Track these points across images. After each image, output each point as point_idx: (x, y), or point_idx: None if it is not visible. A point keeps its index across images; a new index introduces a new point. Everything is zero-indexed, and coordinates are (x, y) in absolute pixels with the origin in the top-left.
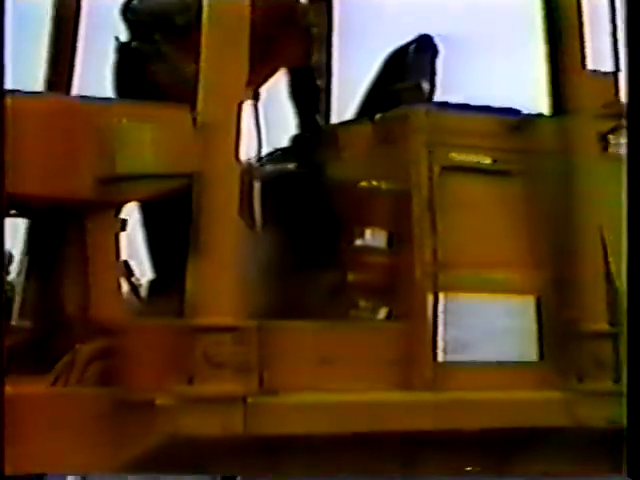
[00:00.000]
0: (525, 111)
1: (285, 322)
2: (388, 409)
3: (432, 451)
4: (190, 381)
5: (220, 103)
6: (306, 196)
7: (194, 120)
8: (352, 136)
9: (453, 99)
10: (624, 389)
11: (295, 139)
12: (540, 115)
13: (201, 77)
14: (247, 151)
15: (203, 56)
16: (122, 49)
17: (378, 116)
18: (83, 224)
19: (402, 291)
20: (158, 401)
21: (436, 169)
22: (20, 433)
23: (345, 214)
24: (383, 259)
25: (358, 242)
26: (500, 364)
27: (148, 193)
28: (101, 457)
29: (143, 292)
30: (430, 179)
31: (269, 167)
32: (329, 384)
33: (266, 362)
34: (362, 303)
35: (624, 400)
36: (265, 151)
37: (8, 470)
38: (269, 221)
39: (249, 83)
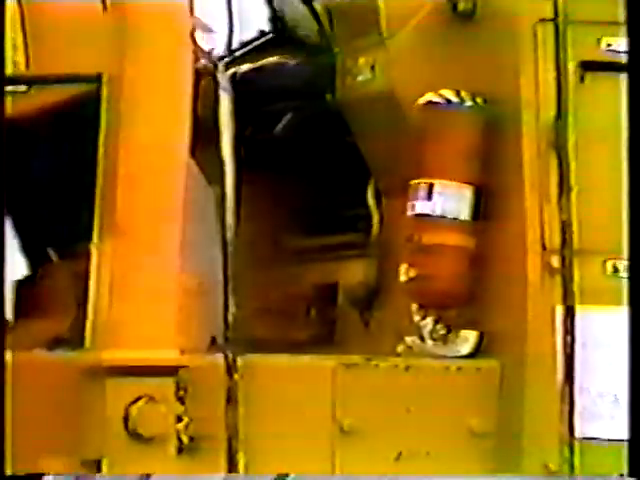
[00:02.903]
0: None
1: (277, 358)
2: None
3: None
4: (97, 467)
5: None
6: (314, 121)
7: None
8: (405, 11)
9: None
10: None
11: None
12: None
13: None
14: (206, 41)
15: None
16: None
17: None
18: None
19: (503, 301)
20: None
21: (571, 69)
22: None
23: (390, 155)
24: (465, 240)
25: (418, 208)
26: None
27: (26, 109)
28: None
29: (7, 303)
30: (558, 88)
31: (246, 68)
32: (358, 471)
33: (243, 431)
34: (425, 322)
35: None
36: (238, 40)
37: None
38: (249, 165)
39: None
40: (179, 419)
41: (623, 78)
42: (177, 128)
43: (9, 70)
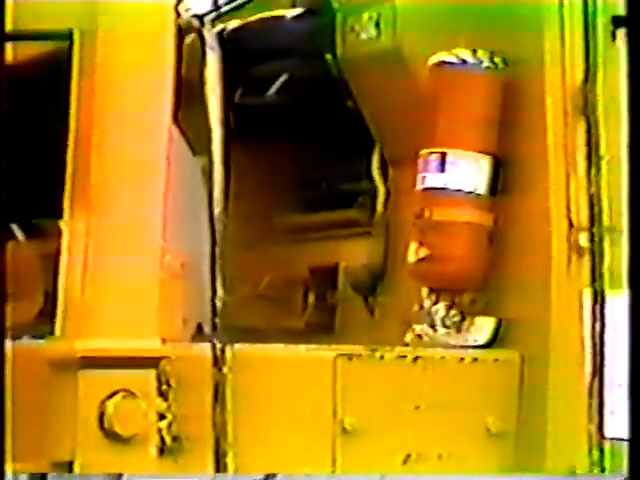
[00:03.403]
0: None
1: (271, 348)
2: None
3: None
4: (69, 469)
5: None
6: (312, 83)
7: None
8: None
9: None
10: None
11: None
12: None
13: None
14: None
15: None
16: None
17: None
18: None
19: (524, 285)
20: None
21: (601, 24)
22: None
23: (398, 122)
24: (481, 216)
25: (429, 181)
26: None
27: None
28: None
29: None
30: (587, 46)
31: (236, 24)
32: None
33: (232, 431)
34: (437, 308)
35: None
36: None
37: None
38: (239, 133)
39: None
40: (161, 416)
41: None
42: (158, 90)
43: None
